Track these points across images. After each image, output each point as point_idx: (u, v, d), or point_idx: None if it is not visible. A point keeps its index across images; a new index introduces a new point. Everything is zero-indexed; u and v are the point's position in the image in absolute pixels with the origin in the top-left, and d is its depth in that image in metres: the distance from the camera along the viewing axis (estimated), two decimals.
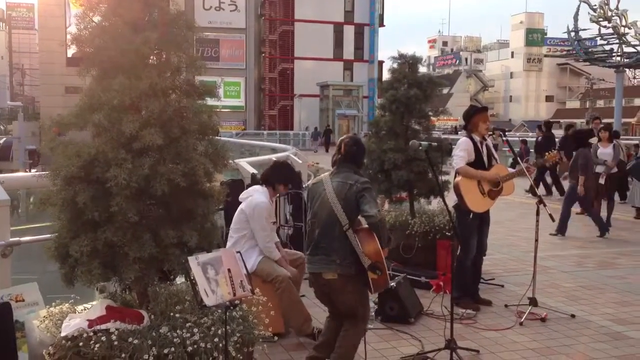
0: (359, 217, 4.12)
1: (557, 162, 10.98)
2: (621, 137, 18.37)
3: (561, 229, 10.28)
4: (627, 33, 37.24)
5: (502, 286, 7.00)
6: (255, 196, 5.28)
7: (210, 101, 3.83)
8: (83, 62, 3.57)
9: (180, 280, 4.00)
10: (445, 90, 70.74)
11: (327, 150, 40.80)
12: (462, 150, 6.09)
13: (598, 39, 40.13)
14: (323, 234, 4.13)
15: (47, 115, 3.73)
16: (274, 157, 9.06)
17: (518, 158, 6.85)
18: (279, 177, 5.43)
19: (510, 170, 6.32)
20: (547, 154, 6.44)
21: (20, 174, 8.74)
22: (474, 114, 6.23)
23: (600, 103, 64.42)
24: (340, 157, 4.27)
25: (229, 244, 5.29)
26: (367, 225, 4.04)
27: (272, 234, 5.35)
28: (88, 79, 3.62)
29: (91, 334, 3.38)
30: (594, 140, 11.68)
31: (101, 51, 3.49)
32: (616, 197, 12.71)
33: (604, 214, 11.53)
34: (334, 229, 4.06)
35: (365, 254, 3.97)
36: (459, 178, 6.08)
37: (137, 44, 3.49)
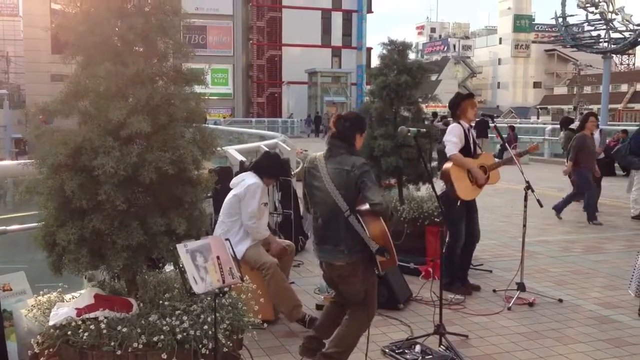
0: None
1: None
2: (608, 123, 18.04)
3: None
4: (614, 19, 37.21)
5: (491, 271, 7.04)
6: (247, 179, 5.29)
7: (197, 88, 3.79)
8: (68, 48, 3.52)
9: (169, 268, 3.99)
10: (433, 77, 70.74)
11: (317, 136, 41.22)
12: (454, 136, 5.99)
13: (585, 25, 40.10)
14: (327, 224, 4.00)
15: (33, 103, 3.68)
16: (262, 144, 9.03)
17: (507, 144, 6.86)
18: (266, 170, 5.40)
19: (497, 160, 6.33)
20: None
21: (7, 162, 8.67)
22: (462, 100, 6.19)
23: (588, 89, 64.64)
24: (330, 135, 4.11)
25: (219, 229, 5.25)
26: (368, 206, 3.88)
27: (260, 215, 5.29)
28: (73, 66, 3.57)
29: (80, 322, 3.37)
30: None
31: (86, 37, 3.44)
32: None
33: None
34: (338, 219, 3.92)
35: (372, 238, 3.85)
36: (449, 165, 6.01)
37: (122, 30, 3.45)
